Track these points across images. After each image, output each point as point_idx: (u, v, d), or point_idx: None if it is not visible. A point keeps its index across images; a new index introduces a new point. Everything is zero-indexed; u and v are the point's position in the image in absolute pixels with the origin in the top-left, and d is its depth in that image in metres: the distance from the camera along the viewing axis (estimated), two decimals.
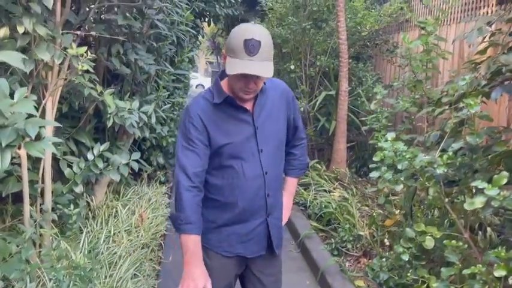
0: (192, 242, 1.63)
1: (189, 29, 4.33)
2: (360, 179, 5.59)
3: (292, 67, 5.94)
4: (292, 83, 6.15)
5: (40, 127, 1.43)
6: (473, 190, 2.02)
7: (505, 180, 1.71)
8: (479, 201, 1.71)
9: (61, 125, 2.26)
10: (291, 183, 2.03)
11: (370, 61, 6.52)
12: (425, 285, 2.29)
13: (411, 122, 3.63)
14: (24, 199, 2.28)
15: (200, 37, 6.31)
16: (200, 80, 26.06)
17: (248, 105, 1.72)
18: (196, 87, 23.79)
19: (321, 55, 5.89)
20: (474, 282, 1.85)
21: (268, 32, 1.63)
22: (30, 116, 1.47)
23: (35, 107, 1.70)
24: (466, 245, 2.03)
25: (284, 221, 1.94)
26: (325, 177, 5.07)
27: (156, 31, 3.49)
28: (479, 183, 1.73)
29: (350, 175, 5.29)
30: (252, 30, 1.54)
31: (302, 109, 5.66)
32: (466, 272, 1.83)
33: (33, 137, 1.37)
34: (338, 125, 5.13)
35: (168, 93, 4.42)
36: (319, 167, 5.32)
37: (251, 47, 1.51)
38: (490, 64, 2.11)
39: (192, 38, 5.02)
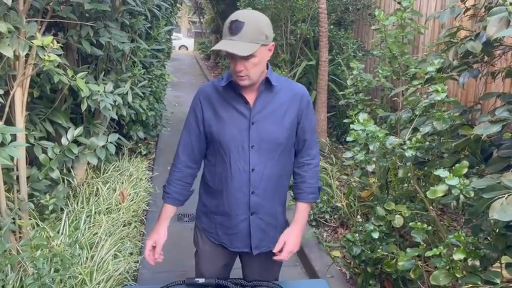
0: (163, 208, 1.85)
1: (163, 3, 4.21)
2: (340, 146, 5.68)
3: (273, 35, 5.85)
4: (273, 51, 6.09)
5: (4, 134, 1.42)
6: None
7: (465, 170, 1.76)
8: (440, 190, 1.78)
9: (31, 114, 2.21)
10: (300, 210, 1.84)
11: (351, 27, 6.46)
12: (395, 260, 2.40)
13: (388, 95, 3.67)
14: (0, 189, 2.29)
15: (178, 4, 6.14)
16: (183, 41, 25.49)
17: (250, 98, 1.71)
18: (179, 49, 23.31)
19: (301, 22, 5.81)
20: (437, 261, 1.94)
21: (264, 17, 1.63)
22: None
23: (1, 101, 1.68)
24: (431, 227, 2.11)
25: (285, 251, 1.75)
26: None
27: (128, 7, 3.39)
28: (441, 172, 1.78)
29: (330, 144, 5.36)
30: (240, 12, 1.59)
31: None
32: (428, 254, 1.92)
33: None
34: (318, 95, 5.14)
35: (144, 69, 4.36)
36: None
37: (233, 28, 1.55)
38: (458, 50, 2.13)
39: (168, 8, 4.88)
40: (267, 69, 1.73)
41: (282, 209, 1.88)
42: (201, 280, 1.77)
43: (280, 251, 1.76)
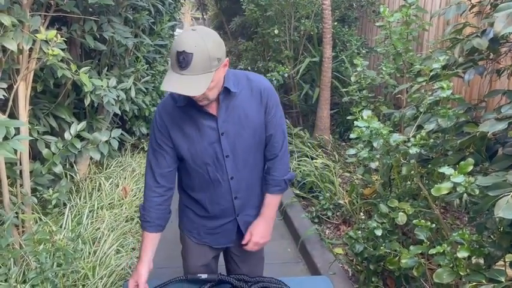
0: (145, 238, 1.73)
1: None
2: (343, 143, 5.66)
3: (276, 31, 5.83)
4: (277, 48, 6.07)
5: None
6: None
7: (470, 167, 1.75)
8: (445, 188, 1.76)
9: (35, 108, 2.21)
10: (266, 202, 1.83)
11: (355, 23, 6.43)
12: (398, 257, 2.40)
13: (391, 92, 3.66)
14: (3, 184, 2.29)
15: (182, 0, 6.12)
16: None
17: (213, 109, 1.64)
18: None
19: (305, 19, 5.78)
20: (440, 259, 1.93)
21: (212, 39, 1.48)
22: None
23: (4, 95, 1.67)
24: (434, 224, 2.10)
25: (250, 243, 1.81)
26: (309, 144, 5.12)
27: (131, 2, 3.39)
28: (446, 170, 1.77)
29: (333, 141, 5.35)
30: (185, 41, 1.43)
31: (287, 75, 5.61)
32: (432, 251, 1.91)
33: (1, 139, 1.36)
34: (322, 92, 5.12)
35: (148, 65, 4.35)
36: (303, 134, 5.36)
37: (182, 60, 1.42)
38: (464, 46, 2.11)
39: (172, 4, 4.87)
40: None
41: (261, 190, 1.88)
42: (204, 276, 1.76)
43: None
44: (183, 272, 1.96)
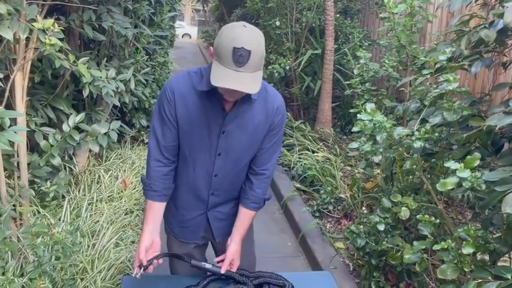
0: (150, 208, 1.71)
1: None
2: (344, 137, 5.62)
3: (278, 23, 5.77)
4: (278, 40, 6.01)
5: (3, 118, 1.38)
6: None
7: (477, 162, 1.71)
8: (451, 183, 1.73)
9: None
10: (241, 217, 1.79)
11: (357, 16, 6.37)
12: (400, 252, 2.37)
13: (394, 85, 3.61)
14: (0, 176, 2.25)
15: None
16: (186, 29, 25.31)
17: (228, 106, 1.61)
18: (182, 37, 23.15)
19: (307, 10, 5.72)
20: (444, 255, 1.90)
21: (261, 34, 1.48)
22: None
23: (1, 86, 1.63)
24: (438, 220, 2.07)
25: (234, 268, 1.76)
26: (310, 137, 5.08)
27: None
28: (452, 164, 1.74)
29: (334, 135, 5.31)
30: (242, 37, 1.41)
31: (288, 67, 5.55)
32: (436, 247, 1.88)
33: None
34: (323, 85, 5.08)
35: (148, 56, 4.30)
36: (304, 127, 5.32)
37: (239, 57, 1.39)
38: (471, 38, 2.06)
39: None
40: None
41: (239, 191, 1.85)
42: (208, 265, 1.73)
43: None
44: (169, 260, 1.95)
